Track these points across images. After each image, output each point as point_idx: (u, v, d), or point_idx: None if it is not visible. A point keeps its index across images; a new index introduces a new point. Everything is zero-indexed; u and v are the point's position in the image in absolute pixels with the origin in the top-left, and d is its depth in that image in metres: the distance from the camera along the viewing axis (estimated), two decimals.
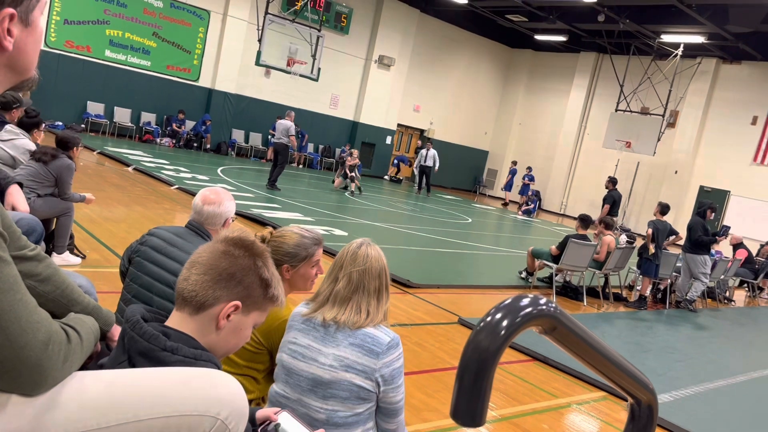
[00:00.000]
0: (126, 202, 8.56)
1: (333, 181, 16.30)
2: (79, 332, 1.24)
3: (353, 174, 15.62)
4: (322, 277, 2.20)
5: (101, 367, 1.38)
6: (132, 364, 1.32)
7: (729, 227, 10.08)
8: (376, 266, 2.07)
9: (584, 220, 8.61)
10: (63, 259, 5.14)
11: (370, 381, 1.97)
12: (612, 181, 13.35)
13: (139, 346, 1.32)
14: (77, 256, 5.42)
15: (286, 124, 13.22)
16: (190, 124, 18.01)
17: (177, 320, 1.41)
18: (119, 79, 16.92)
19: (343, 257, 2.09)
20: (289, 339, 2.09)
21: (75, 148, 5.29)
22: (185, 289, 1.39)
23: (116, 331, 1.60)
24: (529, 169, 22.74)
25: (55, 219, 5.17)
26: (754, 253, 12.87)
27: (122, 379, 1.24)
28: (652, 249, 8.74)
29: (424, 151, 19.96)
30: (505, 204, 22.95)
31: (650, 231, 8.81)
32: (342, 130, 21.91)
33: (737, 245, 12.51)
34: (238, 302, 1.39)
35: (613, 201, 12.90)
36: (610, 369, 1.10)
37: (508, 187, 23.20)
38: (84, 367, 1.27)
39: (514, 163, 23.56)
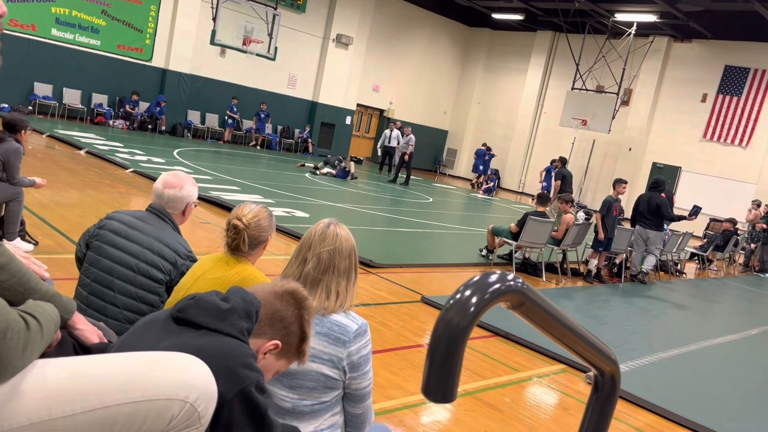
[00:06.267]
0: (79, 186, 8.32)
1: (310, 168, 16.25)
2: (39, 319, 1.21)
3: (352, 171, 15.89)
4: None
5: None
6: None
7: (701, 207, 10.24)
8: (346, 246, 2.02)
9: (542, 198, 8.79)
10: (14, 246, 4.92)
11: (336, 370, 1.93)
12: (561, 160, 14.03)
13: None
14: (29, 242, 5.25)
15: (412, 138, 17.80)
16: (144, 106, 17.52)
17: None
18: (68, 59, 16.31)
19: (312, 237, 2.03)
20: None
21: (23, 131, 5.10)
22: None
23: (77, 318, 1.56)
24: (489, 148, 22.57)
25: (3, 205, 5.00)
26: (703, 227, 13.31)
27: (86, 366, 1.21)
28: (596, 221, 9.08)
29: (387, 132, 18.97)
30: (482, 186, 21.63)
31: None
32: (300, 110, 21.66)
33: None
34: (278, 342, 1.50)
35: (563, 177, 13.35)
36: (575, 342, 1.12)
37: (479, 169, 22.07)
38: (45, 355, 1.24)
39: (484, 145, 22.60)
